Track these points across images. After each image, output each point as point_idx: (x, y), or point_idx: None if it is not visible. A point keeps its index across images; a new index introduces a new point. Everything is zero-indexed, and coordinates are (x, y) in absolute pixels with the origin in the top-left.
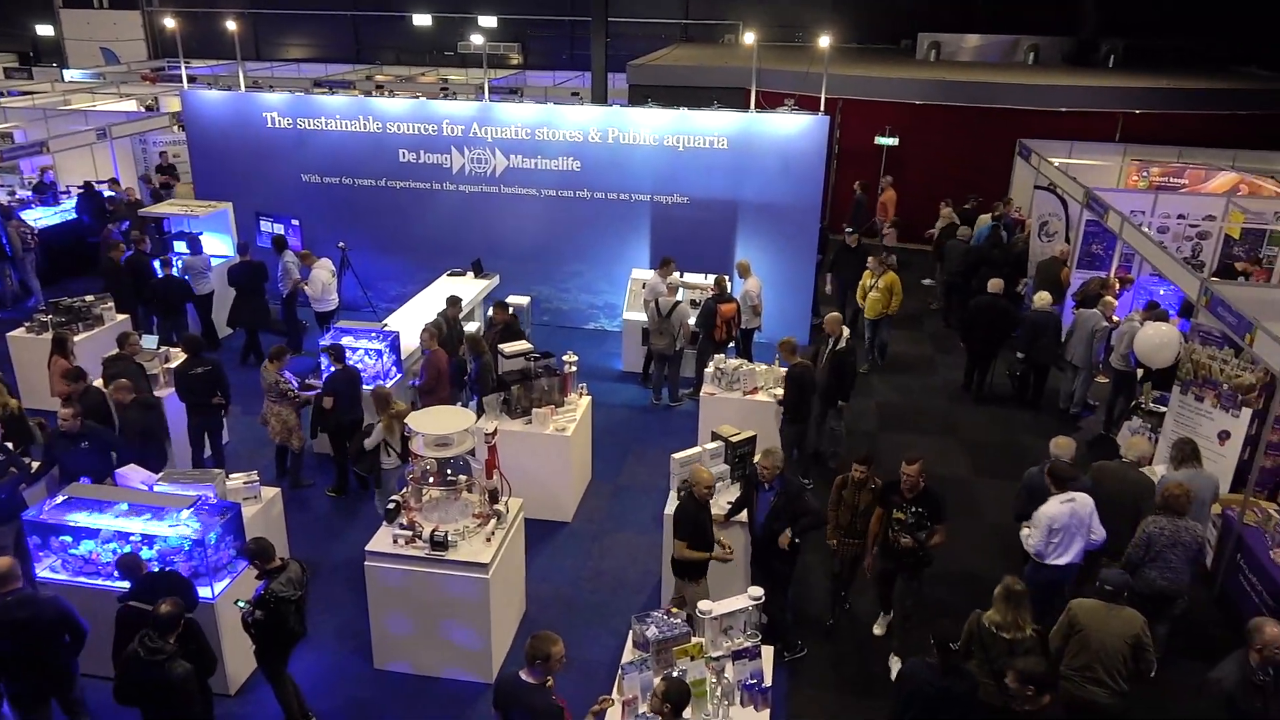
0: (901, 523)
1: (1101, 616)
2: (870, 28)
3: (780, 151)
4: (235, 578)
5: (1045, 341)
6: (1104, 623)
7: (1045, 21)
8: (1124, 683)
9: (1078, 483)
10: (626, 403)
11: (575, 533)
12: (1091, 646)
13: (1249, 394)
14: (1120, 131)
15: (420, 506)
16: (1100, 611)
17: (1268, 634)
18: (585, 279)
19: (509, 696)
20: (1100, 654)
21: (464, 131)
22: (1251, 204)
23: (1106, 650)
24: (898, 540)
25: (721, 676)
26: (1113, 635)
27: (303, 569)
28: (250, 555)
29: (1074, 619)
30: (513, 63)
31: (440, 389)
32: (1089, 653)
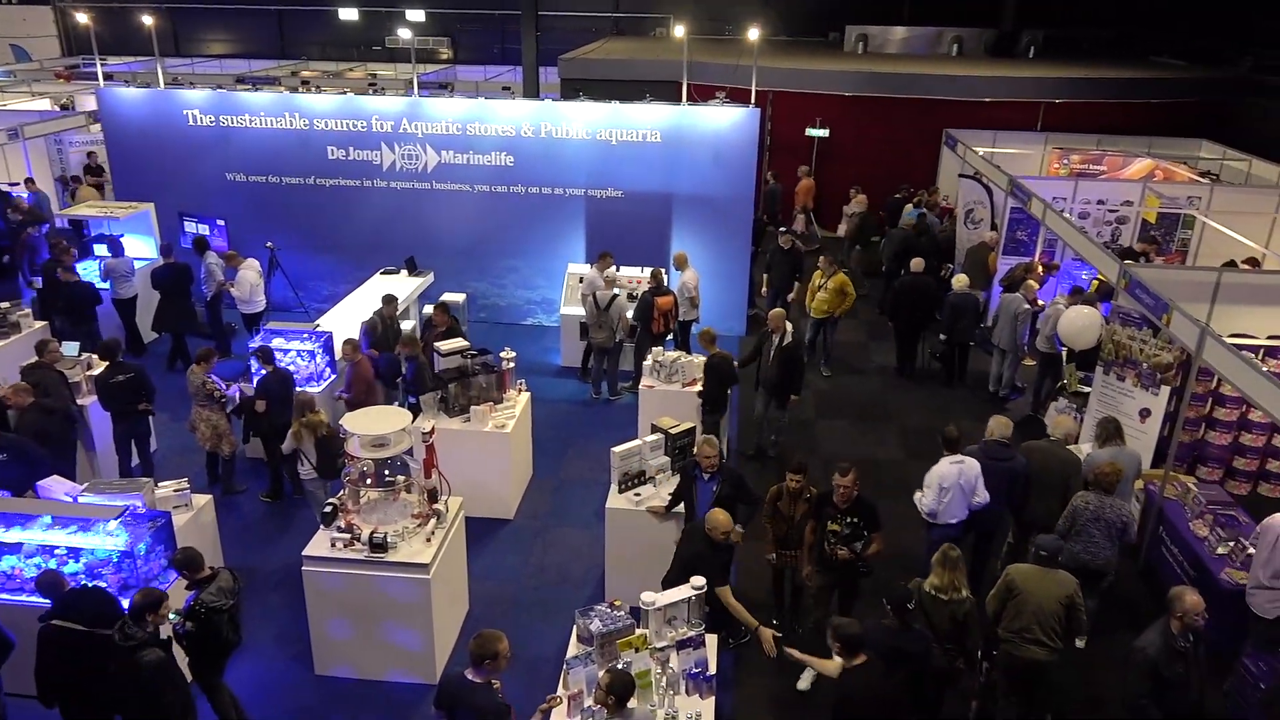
0: (837, 534)
1: (1038, 579)
2: (799, 20)
3: (713, 144)
4: (167, 588)
5: (965, 323)
6: (1040, 585)
7: (968, 13)
8: (1060, 641)
9: (1015, 462)
10: (566, 398)
11: (517, 529)
12: (1029, 608)
13: (1167, 372)
14: (1041, 121)
15: (358, 508)
16: (1036, 575)
17: (1187, 602)
18: (521, 275)
19: (454, 696)
20: (1038, 615)
21: (394, 127)
22: (1166, 189)
23: (1044, 611)
24: (835, 553)
25: (666, 666)
26: (1049, 597)
27: (234, 577)
28: (178, 566)
29: (1011, 584)
30: (442, 57)
31: (371, 399)
32: (1027, 614)
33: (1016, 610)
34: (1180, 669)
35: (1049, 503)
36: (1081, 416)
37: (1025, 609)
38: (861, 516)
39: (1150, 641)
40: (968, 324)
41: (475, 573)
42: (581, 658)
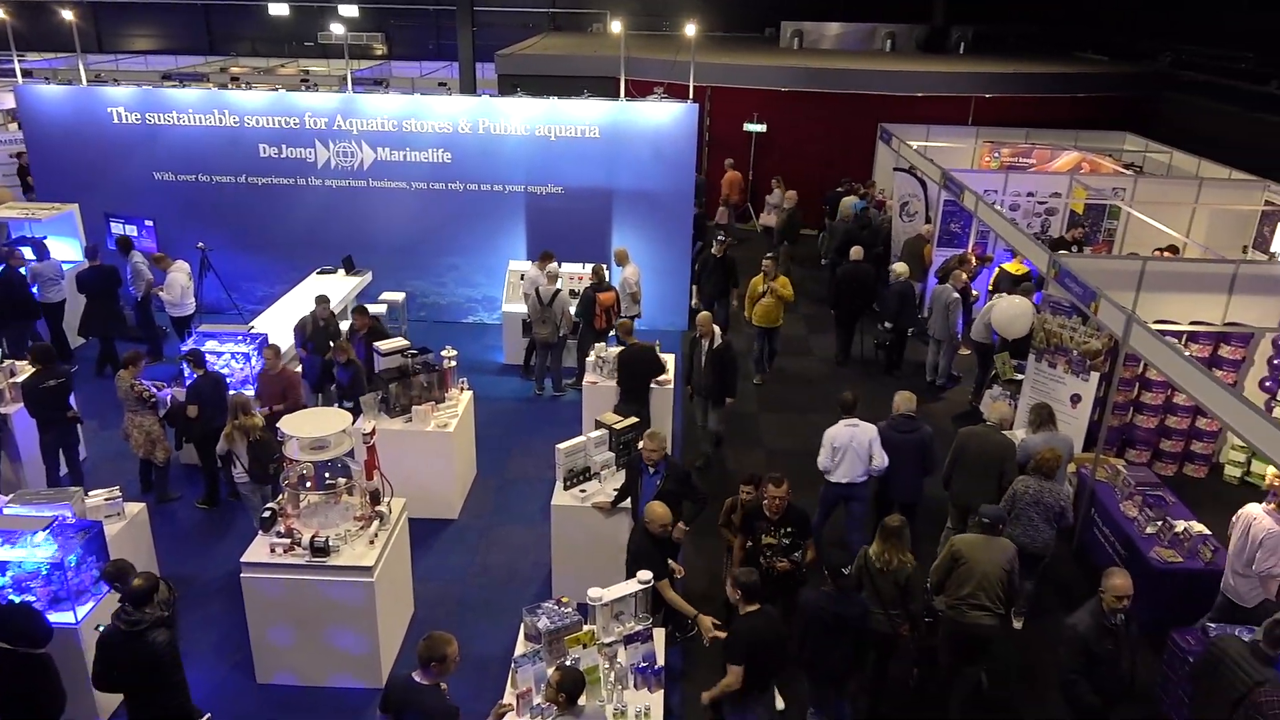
0: (773, 547)
1: (982, 547)
2: (735, 16)
3: (652, 140)
4: (100, 600)
5: (906, 311)
6: (984, 553)
7: (900, 10)
8: (1003, 607)
9: (921, 432)
10: (509, 395)
11: (462, 529)
12: (975, 576)
13: (1096, 359)
14: (972, 115)
15: (298, 512)
16: (981, 543)
17: (1115, 583)
18: (462, 272)
19: (401, 699)
20: (983, 582)
21: (328, 124)
22: (1093, 181)
23: (988, 578)
24: (773, 565)
25: (614, 662)
26: (993, 564)
27: (169, 587)
28: (109, 578)
29: (956, 553)
30: (377, 53)
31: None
32: (973, 581)
33: (962, 579)
34: (1110, 646)
35: (986, 486)
36: (1016, 403)
37: (971, 577)
38: (794, 525)
39: (1081, 619)
40: (908, 312)
41: (420, 574)
42: (530, 656)
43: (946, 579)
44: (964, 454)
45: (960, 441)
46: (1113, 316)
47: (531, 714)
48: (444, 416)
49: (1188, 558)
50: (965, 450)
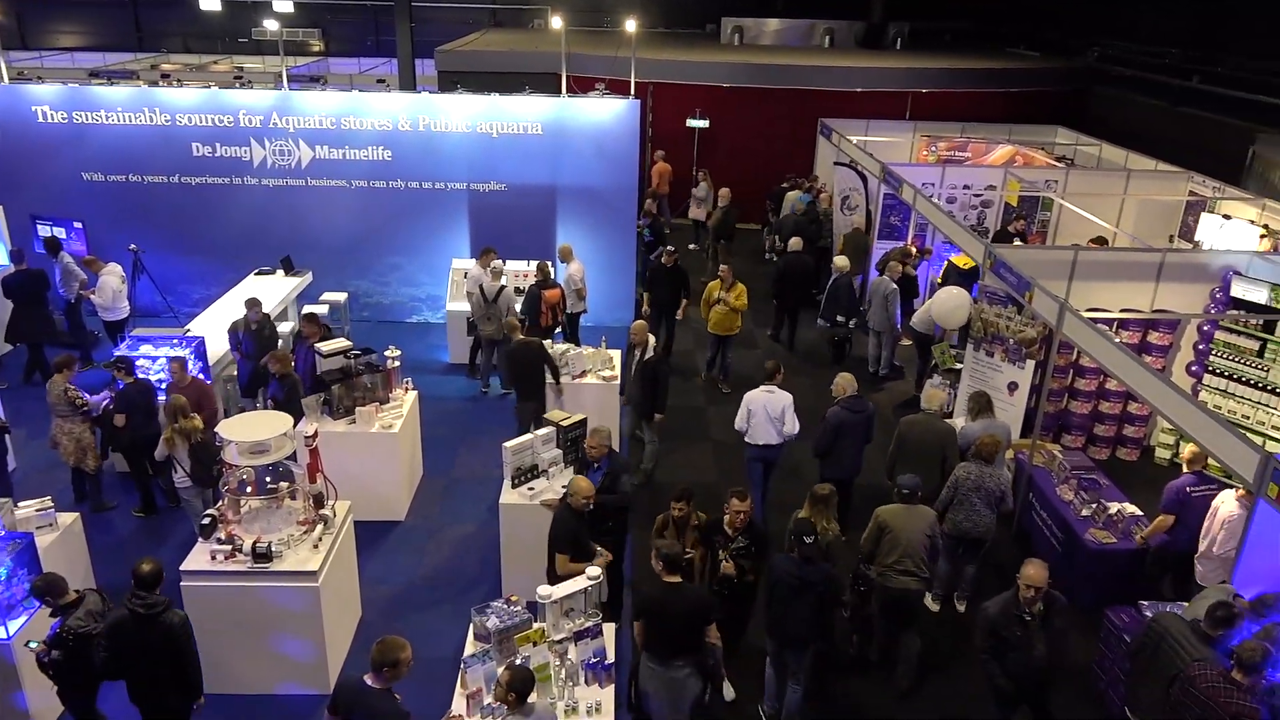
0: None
1: (904, 516)
2: (676, 12)
3: (595, 136)
4: (33, 614)
5: (853, 301)
6: (907, 521)
7: (838, 6)
8: (926, 569)
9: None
10: (455, 394)
11: (409, 530)
12: (901, 543)
13: (1031, 347)
14: (910, 110)
15: (239, 518)
16: (903, 512)
17: (1027, 571)
18: (405, 272)
19: (351, 701)
20: (908, 548)
21: (263, 122)
22: (1026, 173)
23: (913, 544)
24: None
25: (565, 658)
26: (915, 530)
27: (104, 599)
28: (39, 593)
29: (882, 523)
30: (313, 49)
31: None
32: (900, 549)
33: (889, 547)
34: (1018, 633)
35: (929, 472)
36: (955, 392)
37: (897, 545)
38: (752, 539)
39: (994, 604)
40: (849, 303)
41: (367, 577)
42: (479, 655)
43: (875, 548)
44: (906, 442)
45: (902, 431)
46: (1046, 306)
47: (482, 714)
48: (389, 417)
49: (1121, 538)
50: (907, 439)
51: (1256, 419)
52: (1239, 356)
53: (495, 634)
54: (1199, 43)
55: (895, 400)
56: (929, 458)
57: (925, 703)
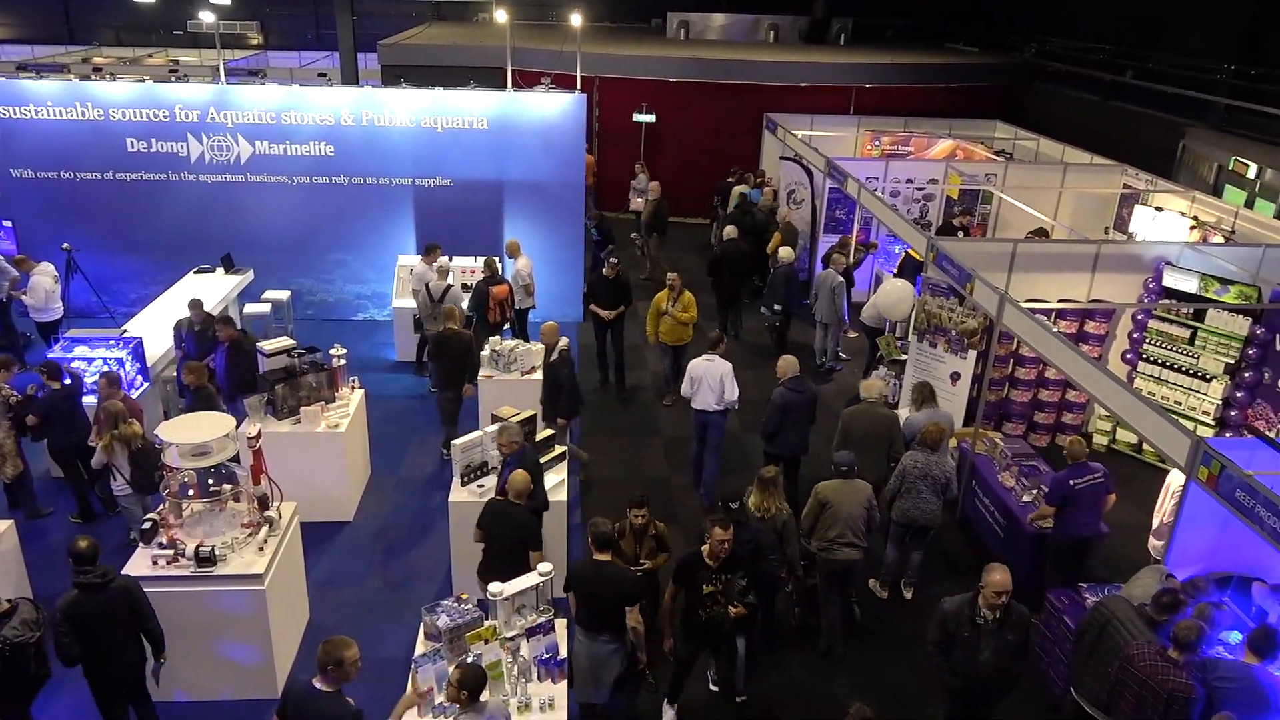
0: (715, 596)
1: (843, 491)
2: (621, 7)
3: (541, 130)
4: None
5: (792, 291)
6: (845, 496)
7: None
8: (865, 540)
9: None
10: (403, 393)
11: (358, 530)
12: (841, 517)
13: (973, 337)
14: (853, 104)
15: (181, 522)
16: (841, 487)
17: (992, 578)
18: (350, 268)
19: (299, 705)
20: (848, 521)
21: (200, 117)
22: (966, 167)
23: (852, 517)
24: (721, 614)
25: (517, 655)
26: (854, 504)
27: (37, 608)
28: None
29: (822, 499)
30: (252, 42)
31: None
32: (840, 523)
33: (830, 521)
34: (966, 633)
35: (876, 460)
36: (900, 383)
37: (838, 519)
38: (736, 568)
39: (952, 601)
40: (792, 294)
41: (315, 579)
42: (430, 655)
43: (815, 523)
44: (851, 432)
45: (846, 421)
46: (987, 297)
47: (434, 713)
48: (335, 417)
49: None
50: (852, 429)
51: (1188, 404)
52: (1171, 344)
53: (446, 633)
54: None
55: (844, 392)
56: (874, 446)
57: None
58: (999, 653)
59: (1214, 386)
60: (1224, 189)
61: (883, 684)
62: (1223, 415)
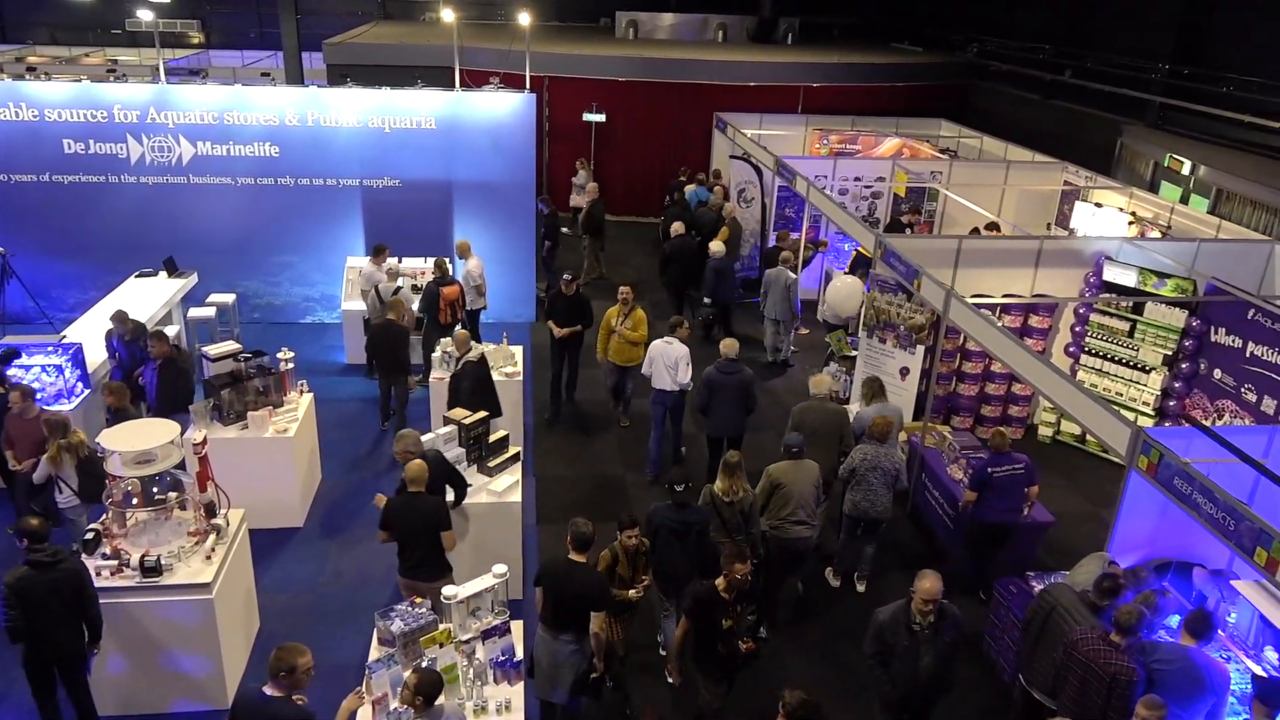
0: (733, 630)
1: (794, 471)
2: (570, 6)
3: (490, 130)
4: None
5: (724, 285)
6: (796, 476)
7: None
8: (816, 519)
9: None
10: (353, 396)
11: (309, 536)
12: (793, 497)
13: (921, 333)
14: (801, 103)
15: (125, 531)
16: (792, 468)
17: (923, 585)
18: (297, 271)
19: (249, 714)
20: (800, 500)
21: (140, 117)
22: (913, 165)
23: (804, 496)
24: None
25: (473, 658)
26: (805, 483)
27: None
28: None
29: (774, 480)
30: (193, 41)
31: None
32: (792, 502)
33: (782, 501)
34: (905, 642)
35: (829, 455)
36: (851, 379)
37: (790, 499)
38: (749, 600)
39: (885, 610)
40: (727, 286)
41: (265, 586)
42: (384, 660)
43: (768, 503)
44: (802, 428)
45: (797, 418)
46: (934, 293)
47: (388, 719)
48: (283, 421)
49: None
50: (803, 425)
51: (1129, 395)
52: (1112, 337)
53: (400, 637)
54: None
55: (795, 388)
56: (825, 442)
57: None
58: (938, 657)
59: (1153, 378)
60: (1160, 185)
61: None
62: (1161, 405)
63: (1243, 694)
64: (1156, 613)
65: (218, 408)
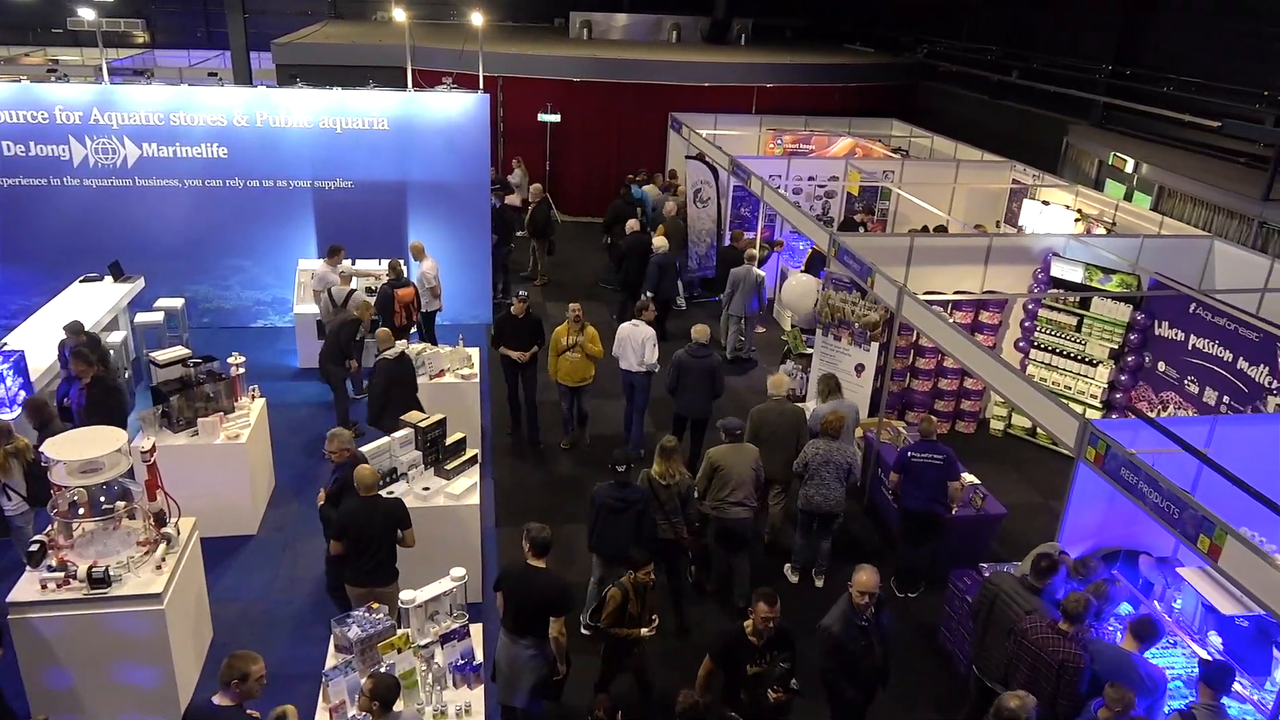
0: (762, 677)
1: (733, 455)
2: (523, 6)
3: (444, 130)
4: None
5: (667, 281)
6: (736, 458)
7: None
8: (755, 499)
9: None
10: (307, 400)
11: (263, 544)
12: (732, 479)
13: (875, 330)
14: (755, 104)
15: (71, 543)
16: (731, 451)
17: (860, 578)
18: (248, 274)
19: None
20: (738, 482)
21: (83, 119)
22: (866, 164)
23: (742, 479)
24: (759, 700)
25: (432, 663)
26: (744, 465)
27: None
28: None
29: (714, 463)
30: (138, 41)
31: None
32: (731, 484)
33: (721, 483)
34: (863, 642)
35: (787, 455)
36: (808, 376)
37: (729, 481)
38: (783, 646)
39: (834, 621)
40: (669, 282)
41: (219, 596)
42: (341, 667)
43: (708, 486)
44: (762, 429)
45: (756, 419)
46: (887, 290)
47: None
48: (234, 427)
49: (961, 506)
50: (763, 426)
51: (1077, 389)
52: (1060, 332)
53: (357, 644)
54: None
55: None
56: (784, 441)
57: None
58: (883, 642)
59: (1100, 371)
60: (1105, 183)
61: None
62: (1109, 398)
63: (1189, 677)
64: (1107, 601)
65: (167, 414)
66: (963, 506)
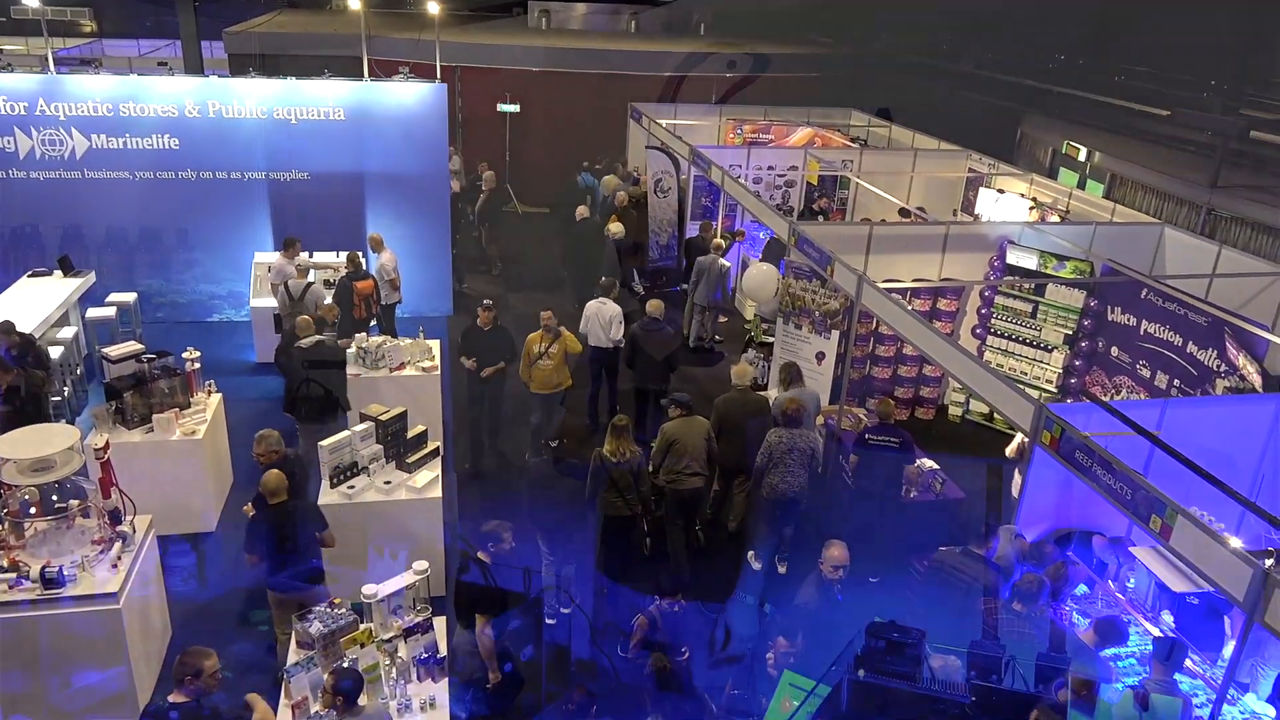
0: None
1: (685, 428)
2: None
3: (401, 120)
4: None
5: (625, 267)
6: (688, 431)
7: None
8: (707, 469)
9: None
10: (265, 395)
11: (221, 541)
12: (687, 452)
13: (835, 318)
14: (715, 94)
15: (23, 543)
16: (683, 425)
17: (831, 553)
18: (203, 268)
19: None
20: (694, 454)
21: (28, 109)
22: (825, 154)
23: (697, 450)
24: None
25: (395, 656)
26: (696, 437)
27: None
28: None
29: (667, 437)
30: (85, 30)
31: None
32: (686, 456)
33: (676, 456)
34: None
35: (752, 445)
36: (769, 365)
37: (684, 453)
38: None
39: (809, 598)
40: (626, 269)
41: (177, 594)
42: (303, 663)
43: (663, 460)
44: (726, 419)
45: (720, 411)
46: (847, 278)
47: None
48: (190, 423)
49: (921, 491)
50: (727, 417)
51: (1033, 374)
52: (1015, 318)
53: (319, 639)
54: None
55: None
56: (749, 431)
57: None
58: None
59: (1055, 356)
60: (1059, 171)
61: None
62: (1064, 383)
63: (1143, 654)
64: (1065, 583)
65: (120, 411)
66: (923, 491)
